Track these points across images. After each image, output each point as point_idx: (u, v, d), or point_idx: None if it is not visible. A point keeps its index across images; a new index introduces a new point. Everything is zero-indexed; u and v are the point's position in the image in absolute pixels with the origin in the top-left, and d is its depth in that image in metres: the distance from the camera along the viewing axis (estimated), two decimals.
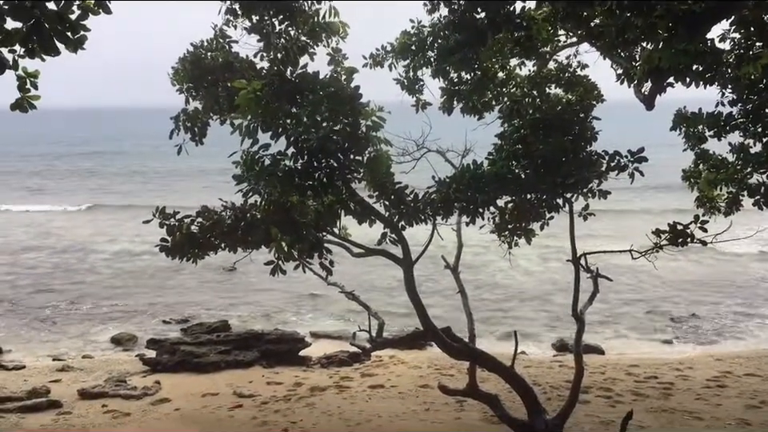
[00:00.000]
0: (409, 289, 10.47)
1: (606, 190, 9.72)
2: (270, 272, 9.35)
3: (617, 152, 9.47)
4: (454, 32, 10.59)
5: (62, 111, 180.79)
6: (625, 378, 15.34)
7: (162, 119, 12.08)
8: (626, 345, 19.88)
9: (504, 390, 12.37)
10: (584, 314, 10.78)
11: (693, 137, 12.49)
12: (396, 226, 9.96)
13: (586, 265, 10.67)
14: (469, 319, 11.77)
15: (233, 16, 9.52)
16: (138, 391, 14.31)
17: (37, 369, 16.64)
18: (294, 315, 22.62)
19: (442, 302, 22.09)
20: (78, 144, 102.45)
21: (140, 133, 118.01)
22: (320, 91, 8.46)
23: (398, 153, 10.63)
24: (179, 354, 16.73)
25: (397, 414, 12.50)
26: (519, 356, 12.64)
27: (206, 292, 25.41)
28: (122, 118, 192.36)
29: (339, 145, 8.56)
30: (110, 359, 17.89)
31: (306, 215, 9.24)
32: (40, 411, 13.05)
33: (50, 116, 36.58)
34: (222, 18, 9.63)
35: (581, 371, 10.54)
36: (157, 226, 9.45)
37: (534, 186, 9.82)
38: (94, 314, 22.59)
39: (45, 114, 12.07)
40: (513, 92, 11.75)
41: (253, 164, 8.68)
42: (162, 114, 13.21)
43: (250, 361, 16.90)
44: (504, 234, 11.30)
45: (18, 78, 5.58)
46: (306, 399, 13.68)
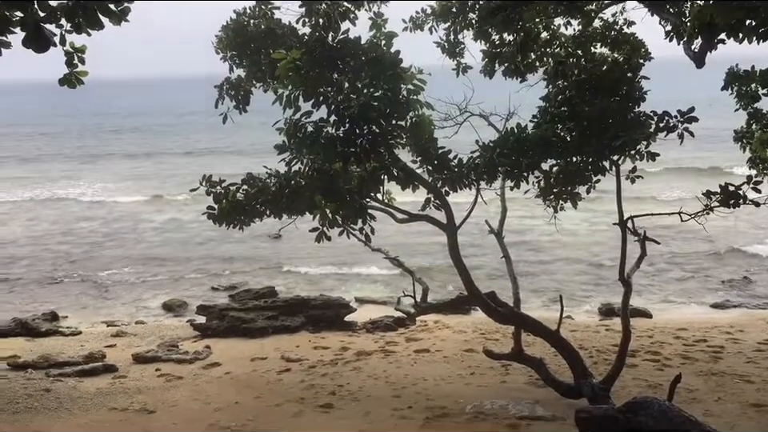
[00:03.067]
0: (453, 254, 10.48)
1: (654, 152, 9.51)
2: (315, 238, 9.45)
3: (666, 112, 9.23)
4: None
5: (104, 82, 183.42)
6: (673, 341, 15.15)
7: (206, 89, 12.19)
8: (675, 308, 19.60)
9: (549, 354, 12.35)
10: (631, 277, 10.65)
11: (745, 96, 12.09)
12: (439, 191, 9.93)
13: (633, 228, 10.50)
14: (513, 284, 11.74)
15: None
16: (189, 356, 14.71)
17: (92, 334, 17.20)
18: (338, 281, 22.86)
19: (486, 266, 22.04)
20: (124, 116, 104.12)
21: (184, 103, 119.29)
22: (361, 57, 8.42)
23: (440, 117, 10.56)
24: (228, 320, 17.09)
25: (442, 377, 12.60)
26: (565, 320, 12.58)
27: (252, 259, 25.82)
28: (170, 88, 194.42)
29: (381, 111, 8.52)
30: (162, 325, 18.37)
31: (349, 182, 9.28)
32: (96, 375, 13.51)
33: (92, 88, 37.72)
34: None
35: (628, 335, 10.45)
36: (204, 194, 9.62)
37: (580, 149, 9.66)
38: (145, 282, 23.20)
39: (87, 86, 12.41)
40: (557, 52, 11.50)
41: (295, 132, 8.73)
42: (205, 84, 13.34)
43: (296, 326, 17.17)
44: (549, 198, 11.16)
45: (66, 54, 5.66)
46: (352, 363, 13.88)
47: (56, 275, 24.03)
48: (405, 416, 10.32)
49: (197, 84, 67.63)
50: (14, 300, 21.25)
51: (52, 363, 13.99)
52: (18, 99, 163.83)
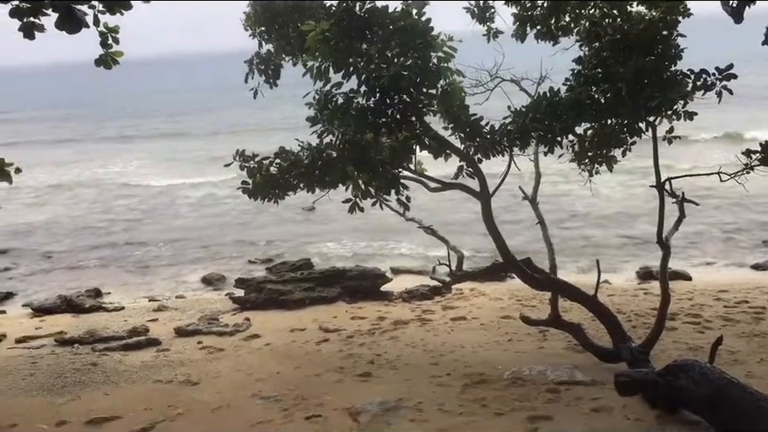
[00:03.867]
0: (487, 221, 10.45)
1: (692, 111, 9.30)
2: (349, 210, 9.51)
3: (703, 70, 9.00)
4: None
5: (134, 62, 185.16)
6: (713, 303, 14.95)
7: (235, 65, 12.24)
8: (715, 270, 19.30)
9: (587, 320, 12.29)
10: (669, 240, 10.50)
11: None
12: (472, 158, 9.88)
13: (671, 190, 10.32)
14: (549, 249, 11.67)
15: None
16: (229, 328, 14.97)
17: (135, 309, 17.60)
18: (373, 252, 22.97)
19: (521, 233, 21.91)
20: (157, 95, 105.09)
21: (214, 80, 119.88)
22: (390, 26, 8.35)
23: (471, 84, 10.45)
24: (266, 292, 17.32)
25: (480, 344, 12.65)
26: (602, 285, 12.48)
27: (287, 232, 26.05)
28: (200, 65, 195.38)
29: (411, 80, 8.48)
30: (202, 298, 18.71)
31: (381, 152, 9.28)
32: (140, 349, 13.85)
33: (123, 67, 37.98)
34: None
35: (667, 298, 10.34)
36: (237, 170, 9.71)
37: (615, 111, 9.49)
38: (183, 257, 23.59)
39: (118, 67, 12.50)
40: (592, 13, 11.23)
41: (326, 104, 8.74)
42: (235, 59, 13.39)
43: (333, 297, 17.33)
44: (584, 162, 11.01)
45: (100, 35, 5.73)
46: (389, 333, 14.00)
47: (97, 253, 24.57)
48: (443, 383, 10.41)
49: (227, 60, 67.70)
50: (59, 278, 21.81)
51: (97, 338, 14.38)
52: (52, 82, 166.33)
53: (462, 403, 9.36)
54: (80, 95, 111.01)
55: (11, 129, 65.86)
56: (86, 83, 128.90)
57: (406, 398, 9.60)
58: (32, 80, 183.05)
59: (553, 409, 8.90)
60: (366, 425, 8.79)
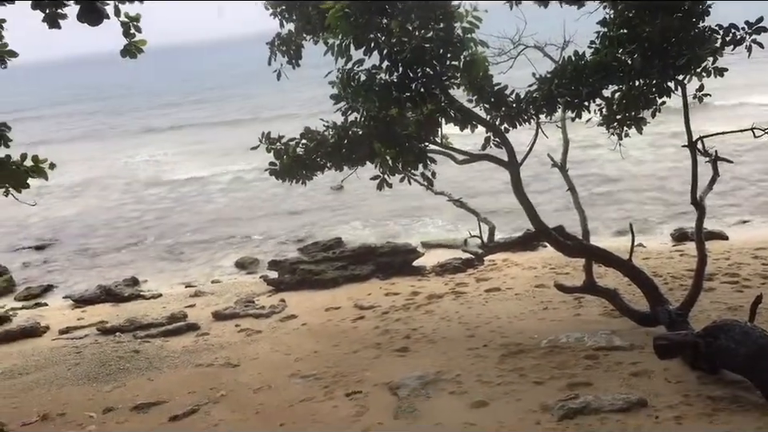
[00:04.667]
0: (517, 191, 10.39)
1: (722, 68, 9.10)
2: (377, 186, 9.53)
3: (732, 24, 8.79)
4: None
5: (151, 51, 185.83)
6: (751, 261, 14.73)
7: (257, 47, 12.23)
8: (752, 228, 18.97)
9: (623, 284, 12.20)
10: (704, 200, 10.34)
11: None
12: (498, 128, 9.81)
13: (704, 148, 10.14)
14: (581, 216, 11.58)
15: None
16: (266, 310, 15.15)
17: (172, 296, 17.88)
18: (404, 227, 22.98)
19: (552, 201, 21.75)
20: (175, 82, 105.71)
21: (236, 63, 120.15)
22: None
23: (493, 54, 10.33)
24: (299, 273, 17.46)
25: (515, 314, 12.64)
26: (637, 248, 12.35)
27: (317, 212, 26.18)
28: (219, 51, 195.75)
29: (434, 52, 8.41)
30: (237, 282, 18.92)
31: (406, 127, 9.25)
32: (181, 334, 14.10)
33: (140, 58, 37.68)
34: None
35: (703, 258, 10.20)
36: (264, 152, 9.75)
37: (643, 72, 9.32)
38: (216, 242, 23.83)
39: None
40: None
41: (349, 81, 8.71)
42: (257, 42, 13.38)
43: (366, 274, 17.41)
44: (613, 126, 10.86)
45: (123, 25, 5.78)
46: (424, 307, 14.05)
47: (132, 242, 24.97)
48: (480, 354, 10.44)
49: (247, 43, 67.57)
50: (97, 269, 22.21)
51: (138, 326, 14.66)
52: (69, 75, 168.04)
53: (500, 373, 9.39)
54: (100, 87, 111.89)
55: (38, 126, 66.69)
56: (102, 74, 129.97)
57: (445, 371, 9.67)
58: (50, 74, 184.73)
59: (592, 375, 8.89)
60: (406, 398, 8.88)
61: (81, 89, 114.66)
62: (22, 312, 17.37)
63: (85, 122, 70.53)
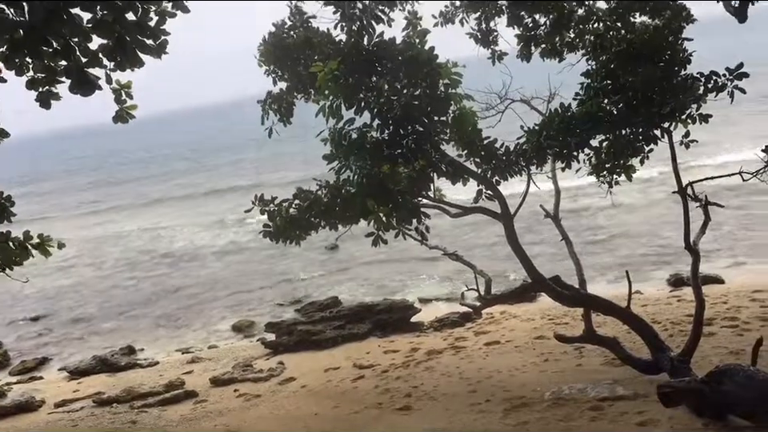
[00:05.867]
0: (511, 242, 10.41)
1: (706, 114, 9.27)
2: (372, 243, 9.52)
3: (713, 72, 8.99)
4: None
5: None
6: (749, 304, 14.68)
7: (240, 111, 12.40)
8: (747, 271, 18.97)
9: (623, 332, 12.13)
10: (698, 244, 10.38)
11: None
12: (490, 181, 9.88)
13: (694, 194, 10.23)
14: (577, 265, 11.58)
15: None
16: (264, 373, 14.96)
17: (169, 363, 17.66)
18: (400, 283, 22.91)
19: (546, 251, 21.78)
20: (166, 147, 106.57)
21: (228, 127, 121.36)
22: (397, 57, 8.46)
23: (481, 108, 10.51)
24: (297, 334, 17.33)
25: (516, 367, 12.51)
26: (634, 296, 12.30)
27: (312, 271, 26.12)
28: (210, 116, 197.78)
29: (422, 109, 8.55)
30: (234, 346, 18.74)
31: (399, 183, 9.30)
32: (178, 402, 13.87)
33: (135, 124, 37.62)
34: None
35: (702, 303, 10.17)
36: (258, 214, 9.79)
37: (629, 121, 9.47)
38: (212, 307, 23.68)
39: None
40: (596, 27, 11.31)
41: (341, 141, 8.81)
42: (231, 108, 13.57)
43: (364, 333, 17.30)
44: (602, 174, 10.98)
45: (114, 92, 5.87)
46: (424, 363, 13.89)
47: (128, 310, 24.76)
48: (483, 410, 10.28)
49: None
50: (92, 339, 21.97)
51: (135, 395, 14.42)
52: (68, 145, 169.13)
53: (504, 429, 9.23)
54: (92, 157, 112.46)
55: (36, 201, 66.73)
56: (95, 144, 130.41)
57: (448, 428, 9.50)
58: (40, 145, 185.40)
59: (598, 427, 8.74)
60: None
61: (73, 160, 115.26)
62: (17, 386, 17.09)
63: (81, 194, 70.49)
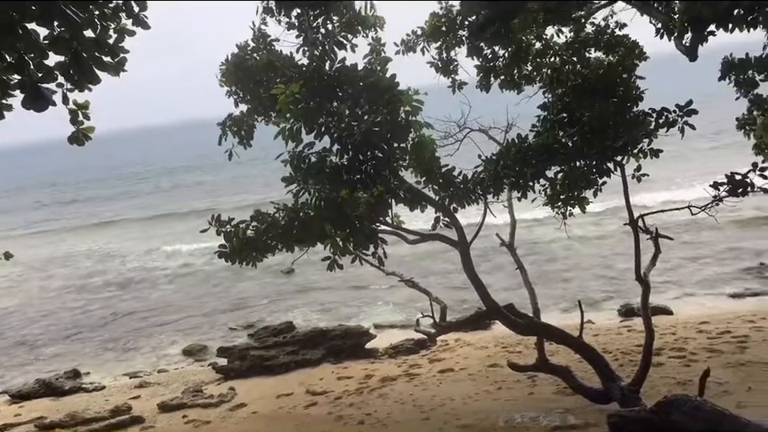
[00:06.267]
0: (467, 270, 10.48)
1: (657, 149, 9.53)
2: (327, 267, 9.47)
3: (664, 108, 9.27)
4: (482, 8, 10.49)
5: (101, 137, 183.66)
6: (697, 335, 15.02)
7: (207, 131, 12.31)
8: (695, 302, 19.44)
9: (574, 361, 12.27)
10: (648, 275, 10.61)
11: (744, 83, 12.05)
12: (448, 209, 9.96)
13: (645, 226, 10.48)
14: (531, 294, 11.70)
15: (269, 15, 9.66)
16: (214, 399, 14.66)
17: (116, 387, 17.18)
18: (355, 309, 22.80)
19: (502, 279, 21.98)
20: (128, 165, 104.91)
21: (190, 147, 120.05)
22: (359, 83, 8.51)
23: (440, 136, 10.62)
24: (249, 359, 17.06)
25: (469, 395, 12.52)
26: (586, 325, 12.47)
27: (267, 296, 25.81)
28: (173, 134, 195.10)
29: (382, 135, 8.59)
30: (184, 371, 18.34)
31: (357, 208, 9.30)
32: (124, 428, 13.48)
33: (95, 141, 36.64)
34: (259, 17, 9.78)
35: (651, 334, 10.38)
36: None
37: (583, 153, 9.69)
38: (163, 330, 23.16)
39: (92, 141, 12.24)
40: (552, 61, 11.58)
41: (300, 164, 8.78)
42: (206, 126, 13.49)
43: (318, 358, 17.13)
44: (557, 205, 11.17)
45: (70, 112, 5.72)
46: (377, 390, 13.80)
47: (74, 332, 24.06)
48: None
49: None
50: (36, 361, 21.26)
51: (79, 420, 13.97)
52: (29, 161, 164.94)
53: None
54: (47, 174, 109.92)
55: None
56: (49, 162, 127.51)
57: None
58: None
59: None
60: None
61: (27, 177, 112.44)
62: None
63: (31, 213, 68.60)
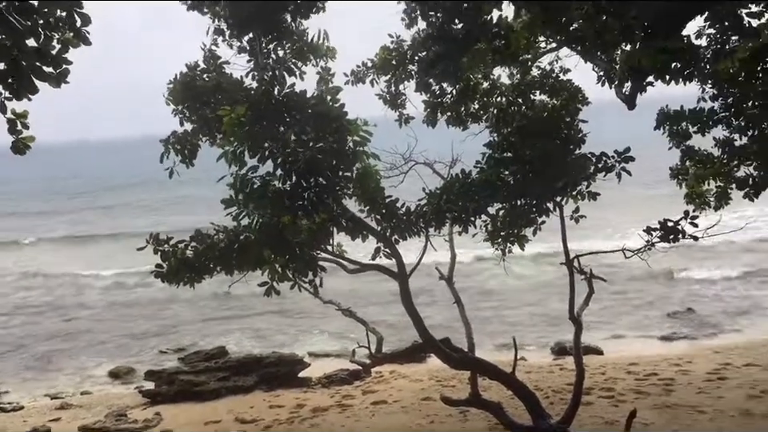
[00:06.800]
0: (405, 302, 10.47)
1: (595, 192, 9.78)
2: (264, 293, 9.33)
3: (603, 153, 9.53)
4: (433, 45, 10.67)
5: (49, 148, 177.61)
6: (625, 376, 15.36)
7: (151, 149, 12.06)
8: (625, 343, 19.94)
9: (506, 398, 12.35)
10: (581, 315, 10.82)
11: (677, 134, 12.46)
12: (389, 239, 9.96)
13: (580, 266, 10.72)
14: (467, 328, 11.77)
15: (221, 36, 9.57)
16: (139, 424, 14.19)
17: (36, 408, 16.47)
18: (291, 336, 22.52)
19: (439, 313, 22.05)
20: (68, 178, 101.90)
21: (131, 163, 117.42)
22: (307, 110, 8.49)
23: (386, 167, 10.67)
24: (178, 384, 16.61)
25: (402, 428, 12.44)
26: (519, 362, 12.64)
27: (201, 319, 25.25)
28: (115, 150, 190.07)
29: (327, 163, 8.57)
30: (109, 393, 17.73)
31: (298, 234, 9.23)
32: None
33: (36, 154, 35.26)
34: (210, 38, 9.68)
35: (581, 373, 10.55)
36: (150, 254, 9.40)
37: (524, 192, 9.85)
38: (89, 349, 22.37)
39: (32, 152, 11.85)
40: (499, 101, 11.83)
41: (242, 187, 8.68)
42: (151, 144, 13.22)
43: (249, 386, 16.81)
44: (497, 242, 11.32)
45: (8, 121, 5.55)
46: (309, 420, 13.60)
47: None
48: None
49: None
50: None
51: None
52: None
53: None
54: None
55: None
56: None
57: None
58: None
59: None
60: None
61: None
62: None
63: None
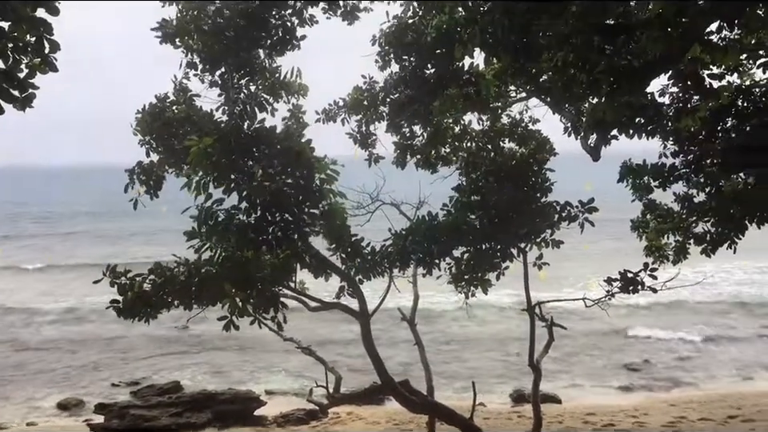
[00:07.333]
0: (366, 342, 10.39)
1: (558, 240, 9.89)
2: (223, 327, 9.15)
3: (567, 202, 9.67)
4: (405, 88, 10.79)
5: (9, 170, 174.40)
6: (582, 426, 15.36)
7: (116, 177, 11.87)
8: (583, 392, 19.97)
9: None
10: (540, 362, 10.84)
11: (639, 187, 12.70)
12: (353, 279, 9.91)
13: (541, 313, 10.78)
14: (427, 372, 11.70)
15: (192, 69, 9.55)
16: None
17: None
18: (248, 373, 22.09)
19: (399, 354, 21.87)
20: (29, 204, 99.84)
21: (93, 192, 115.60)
22: (276, 146, 8.48)
23: (353, 206, 10.67)
24: (129, 419, 16.14)
25: None
26: (478, 407, 12.56)
27: (156, 352, 24.67)
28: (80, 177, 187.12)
29: (293, 198, 8.54)
30: (56, 426, 17.14)
31: (261, 269, 9.12)
32: None
33: None
34: (182, 71, 9.64)
35: (539, 421, 10.54)
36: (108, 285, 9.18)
37: (490, 236, 9.92)
38: (38, 379, 21.64)
39: None
40: (469, 146, 11.97)
41: (206, 219, 8.57)
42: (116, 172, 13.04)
43: (203, 423, 16.42)
44: (461, 285, 11.32)
45: None
46: None
47: None
48: None
49: None
50: None
51: None
52: None
53: None
54: None
55: None
56: None
57: None
58: None
59: None
60: None
61: None
62: None
63: None
